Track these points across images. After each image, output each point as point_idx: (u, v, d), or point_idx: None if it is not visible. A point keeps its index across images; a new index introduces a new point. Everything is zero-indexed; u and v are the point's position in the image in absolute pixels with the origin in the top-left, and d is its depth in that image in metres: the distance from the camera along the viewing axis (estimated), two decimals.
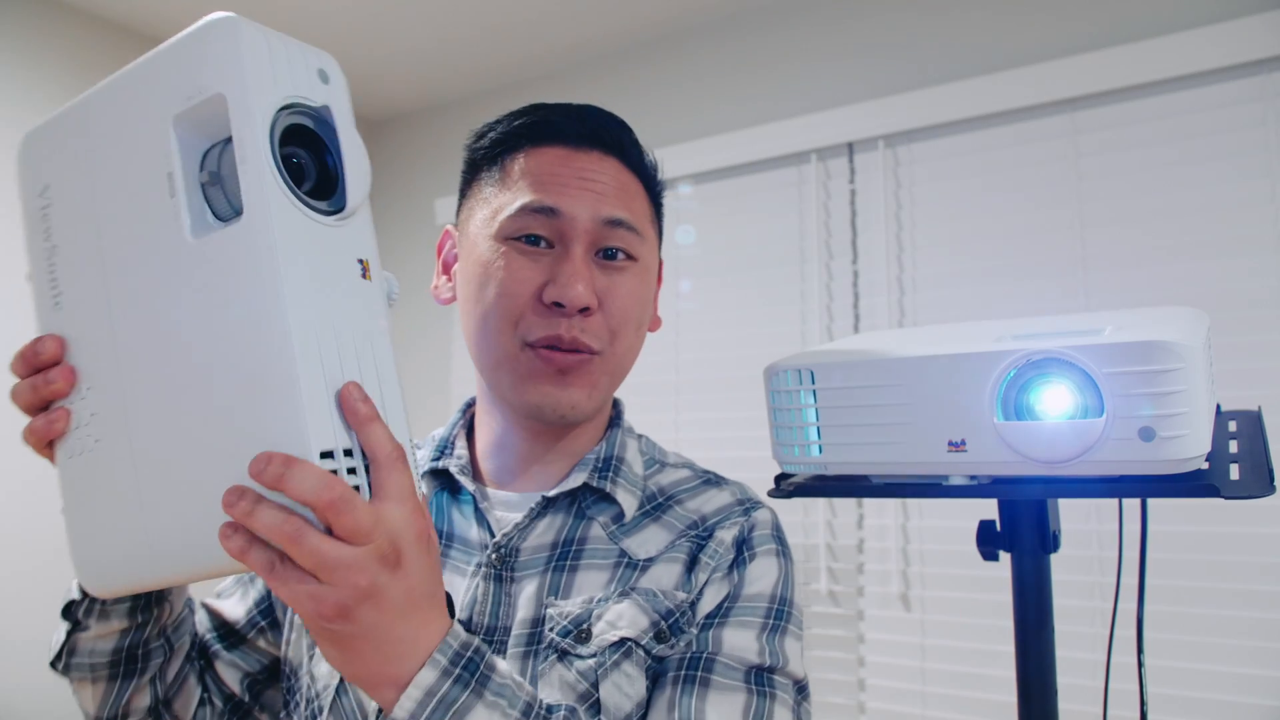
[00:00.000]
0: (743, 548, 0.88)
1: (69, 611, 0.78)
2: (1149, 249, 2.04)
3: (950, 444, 0.71)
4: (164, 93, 0.59)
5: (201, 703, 0.89)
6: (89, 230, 0.64)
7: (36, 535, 2.43)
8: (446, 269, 0.98)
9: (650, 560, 0.86)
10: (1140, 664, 0.84)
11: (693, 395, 2.64)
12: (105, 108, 0.64)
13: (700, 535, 0.89)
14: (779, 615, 0.85)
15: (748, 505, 0.92)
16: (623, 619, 0.82)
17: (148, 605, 0.80)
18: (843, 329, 2.42)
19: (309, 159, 0.61)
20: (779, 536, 0.91)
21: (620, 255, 0.89)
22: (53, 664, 0.80)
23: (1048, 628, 0.83)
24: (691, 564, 0.86)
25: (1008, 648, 0.86)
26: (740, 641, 0.81)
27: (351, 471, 0.57)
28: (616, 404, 1.00)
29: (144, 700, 0.83)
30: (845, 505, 2.37)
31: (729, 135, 2.62)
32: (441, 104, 3.38)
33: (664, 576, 0.85)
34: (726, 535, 0.88)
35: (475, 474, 0.96)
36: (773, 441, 0.82)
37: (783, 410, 0.80)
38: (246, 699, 0.93)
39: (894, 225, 2.38)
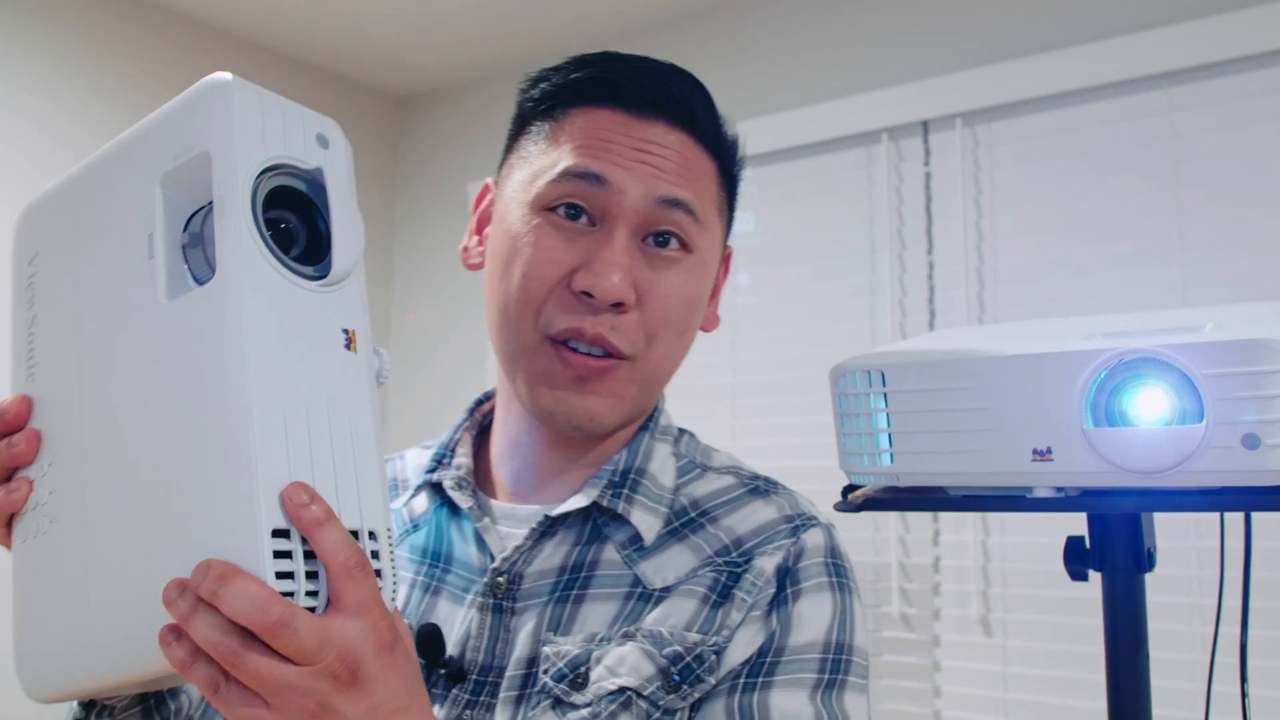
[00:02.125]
0: (786, 581, 0.81)
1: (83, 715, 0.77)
2: (1253, 237, 2.00)
3: (1035, 452, 0.71)
4: (155, 153, 0.61)
5: None
6: (68, 298, 0.66)
7: None
8: (480, 227, 0.93)
9: (666, 590, 0.81)
10: (1244, 694, 0.83)
11: (751, 399, 2.64)
12: (97, 173, 0.67)
13: (733, 563, 0.82)
14: (835, 667, 0.79)
15: (797, 523, 0.85)
16: (624, 665, 0.77)
17: (162, 702, 0.79)
18: (917, 326, 2.41)
19: (298, 223, 0.62)
20: (835, 564, 0.84)
21: (673, 243, 0.83)
22: None
23: (1142, 654, 0.83)
24: (714, 597, 0.80)
25: (1098, 676, 0.85)
26: (792, 706, 0.75)
27: (311, 575, 0.56)
28: None
29: None
30: (919, 520, 2.36)
31: (791, 113, 2.62)
32: (477, 79, 3.38)
33: (676, 612, 0.79)
34: (767, 564, 0.81)
35: (486, 483, 0.93)
36: (839, 450, 0.82)
37: (850, 415, 0.80)
38: None
39: (973, 211, 2.36)
